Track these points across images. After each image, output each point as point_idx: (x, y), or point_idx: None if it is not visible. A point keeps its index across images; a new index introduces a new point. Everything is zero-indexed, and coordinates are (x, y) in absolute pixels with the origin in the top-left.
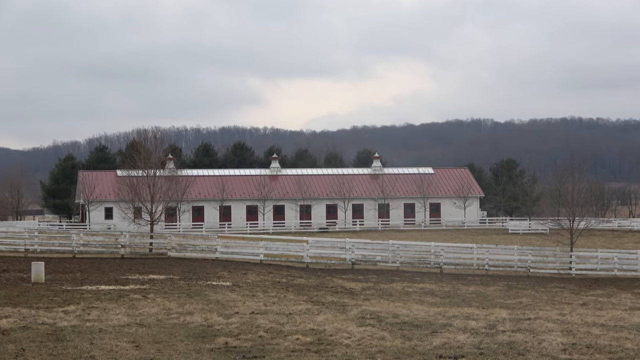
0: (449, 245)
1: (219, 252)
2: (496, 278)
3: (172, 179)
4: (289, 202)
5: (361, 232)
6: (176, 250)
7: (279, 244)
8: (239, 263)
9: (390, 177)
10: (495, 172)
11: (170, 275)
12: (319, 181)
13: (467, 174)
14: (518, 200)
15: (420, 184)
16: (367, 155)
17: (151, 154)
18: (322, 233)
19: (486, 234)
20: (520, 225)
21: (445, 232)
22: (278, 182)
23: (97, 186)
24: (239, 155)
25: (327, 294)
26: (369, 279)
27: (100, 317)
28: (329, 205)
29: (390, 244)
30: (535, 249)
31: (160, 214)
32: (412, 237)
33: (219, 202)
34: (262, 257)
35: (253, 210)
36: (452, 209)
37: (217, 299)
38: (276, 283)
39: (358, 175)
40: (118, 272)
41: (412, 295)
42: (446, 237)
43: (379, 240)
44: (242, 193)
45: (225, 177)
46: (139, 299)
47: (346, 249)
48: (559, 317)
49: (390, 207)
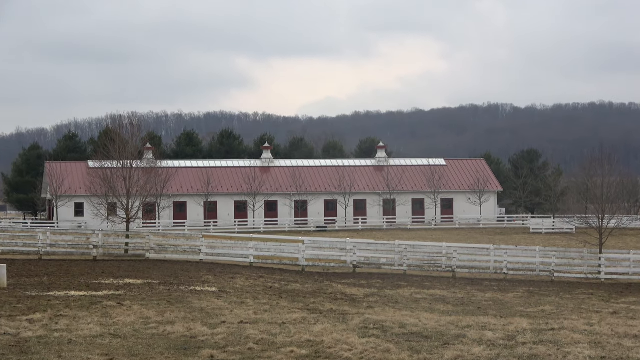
0: (463, 246)
1: (204, 254)
2: (516, 283)
3: (150, 171)
4: (282, 197)
5: (364, 231)
6: (155, 252)
7: (271, 245)
8: (226, 266)
9: (396, 170)
10: (515, 163)
11: (148, 280)
12: (317, 174)
13: (483, 165)
14: (540, 195)
15: (430, 177)
16: (370, 145)
17: (127, 142)
18: (320, 232)
19: (504, 234)
20: (543, 223)
21: (458, 231)
22: (270, 175)
23: (66, 179)
24: (226, 144)
25: (326, 301)
26: (373, 284)
27: (70, 327)
28: (327, 201)
29: (396, 245)
30: (560, 250)
31: (137, 211)
32: (421, 237)
33: (203, 197)
34: (252, 259)
35: (242, 207)
36: (466, 205)
37: (202, 306)
38: (268, 288)
39: (360, 167)
40: (90, 276)
41: (421, 302)
42: (459, 237)
43: (383, 240)
44: (229, 187)
45: (211, 169)
46: (114, 307)
47: (347, 250)
48: (586, 327)
49: (396, 203)
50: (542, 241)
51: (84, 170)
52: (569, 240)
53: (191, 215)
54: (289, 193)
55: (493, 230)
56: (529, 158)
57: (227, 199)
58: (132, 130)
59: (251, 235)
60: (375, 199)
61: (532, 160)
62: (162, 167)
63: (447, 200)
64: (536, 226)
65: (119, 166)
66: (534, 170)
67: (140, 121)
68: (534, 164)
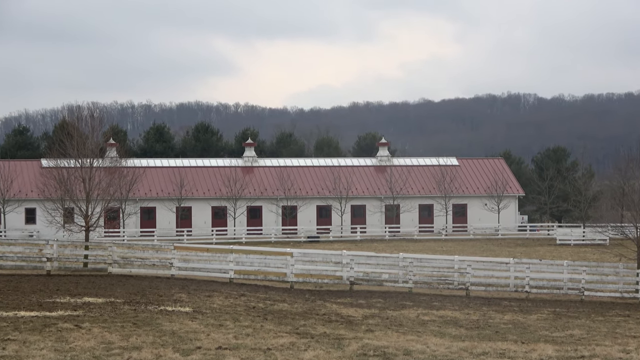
0: (478, 260)
1: (176, 268)
2: (540, 303)
3: (114, 172)
4: (268, 202)
5: (363, 241)
6: (119, 265)
7: (255, 258)
8: (202, 282)
9: (401, 170)
10: (539, 163)
11: (111, 298)
12: (308, 175)
13: (503, 166)
14: (569, 200)
15: (440, 179)
16: (370, 141)
17: (87, 138)
18: (312, 243)
19: (527, 245)
20: (571, 233)
21: (473, 242)
22: (254, 176)
23: (16, 180)
24: (202, 140)
25: (318, 324)
26: (373, 303)
27: (19, 353)
28: (320, 207)
29: (400, 258)
30: (592, 265)
31: (98, 218)
32: (429, 249)
33: (175, 201)
34: (232, 274)
35: (221, 213)
36: (482, 212)
37: (173, 329)
38: (251, 309)
39: (359, 167)
40: (43, 294)
41: (429, 325)
42: (474, 249)
43: (385, 252)
44: (206, 190)
45: (185, 169)
46: (70, 329)
47: (343, 264)
48: (621, 354)
49: (400, 209)
50: (571, 254)
51: (36, 170)
52: (601, 254)
53: (161, 223)
54: (275, 197)
55: (513, 242)
56: (556, 157)
57: (203, 204)
58: (93, 123)
59: (231, 247)
60: (376, 205)
61: (559, 160)
62: (127, 166)
63: (459, 207)
64: (564, 237)
65: (77, 165)
66: (562, 172)
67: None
68: (562, 164)
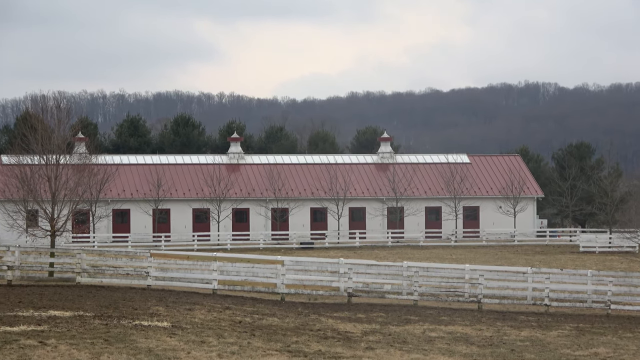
0: (492, 269)
1: (152, 278)
2: (561, 318)
3: (83, 169)
4: (256, 203)
5: (362, 248)
6: (89, 275)
7: (241, 266)
8: (182, 294)
9: (405, 169)
10: (561, 161)
11: (80, 312)
12: (301, 173)
13: (519, 164)
14: (593, 203)
15: (449, 178)
16: (371, 136)
17: (52, 131)
18: (305, 250)
19: (546, 253)
20: (596, 240)
21: (485, 249)
22: (240, 175)
23: None
24: (182, 134)
25: (312, 340)
26: (374, 318)
27: None
28: (315, 209)
29: (404, 267)
30: (619, 275)
31: (65, 221)
32: (437, 257)
33: (152, 203)
34: (215, 284)
35: (203, 216)
36: (496, 216)
37: (149, 346)
38: (236, 324)
39: (358, 165)
40: (3, 307)
41: (436, 342)
42: (487, 257)
43: (388, 260)
44: (186, 190)
45: (163, 167)
46: (34, 347)
47: (340, 273)
48: None
49: (405, 212)
50: (596, 263)
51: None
52: (630, 262)
53: (136, 227)
54: (264, 199)
55: (531, 249)
56: (579, 154)
57: (183, 206)
58: (59, 115)
59: (215, 254)
60: (377, 207)
61: (582, 157)
62: (98, 163)
63: (471, 209)
64: (588, 243)
65: (41, 162)
66: (585, 171)
67: (70, 104)
68: (585, 162)
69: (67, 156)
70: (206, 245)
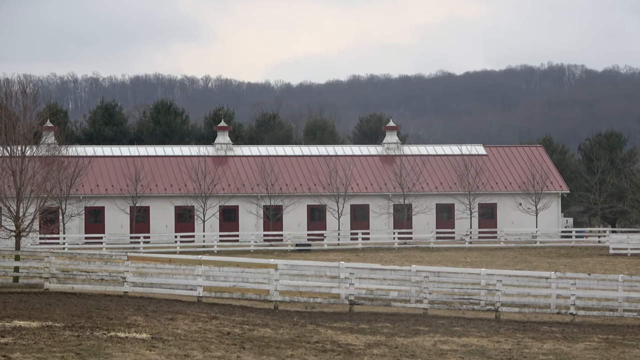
0: (511, 274)
1: (130, 284)
2: (588, 328)
3: (52, 162)
4: (246, 200)
5: (366, 251)
6: (59, 280)
7: (230, 271)
8: (163, 301)
9: (414, 161)
10: (588, 153)
11: (48, 322)
12: (297, 167)
13: (542, 155)
14: (625, 199)
15: (463, 172)
16: (375, 125)
17: (17, 119)
18: (301, 252)
19: (572, 256)
20: (628, 240)
21: (504, 251)
22: (228, 168)
23: None
24: (163, 123)
25: (309, 354)
26: (378, 328)
27: None
28: (312, 207)
29: (413, 272)
30: None
31: (32, 220)
32: (449, 260)
33: (129, 200)
34: (201, 291)
35: (186, 215)
36: (516, 214)
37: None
38: (224, 335)
39: (361, 157)
40: None
41: (448, 356)
42: (506, 260)
43: (394, 264)
44: (168, 186)
45: (141, 159)
46: None
47: (340, 278)
48: None
49: (413, 209)
50: (628, 267)
51: None
52: None
53: (111, 227)
54: (255, 195)
55: (555, 251)
56: (609, 145)
57: (164, 203)
58: (25, 101)
59: (200, 257)
60: (382, 204)
61: (612, 148)
62: (69, 155)
63: (487, 207)
64: (619, 245)
65: (4, 154)
66: (616, 163)
67: (37, 88)
68: (616, 154)
69: (33, 147)
70: (190, 247)
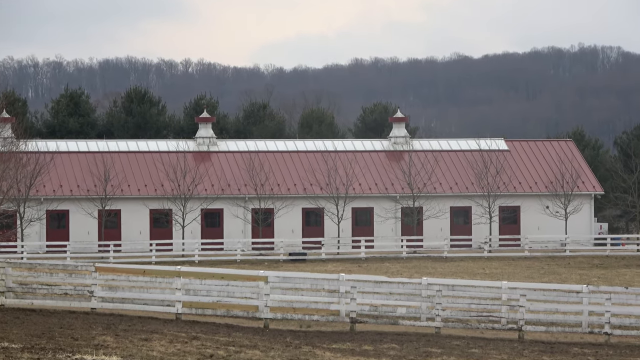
0: (537, 288)
1: (98, 299)
2: (625, 350)
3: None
4: (232, 203)
5: (369, 261)
6: (16, 295)
7: (213, 284)
8: (136, 319)
9: (425, 158)
10: (625, 148)
11: (4, 343)
12: (290, 164)
13: (572, 151)
14: None
15: (481, 170)
16: (380, 116)
17: None
18: (296, 262)
19: (607, 267)
20: None
21: (528, 261)
22: (212, 166)
23: None
24: (136, 113)
25: None
26: (384, 350)
27: None
28: (307, 210)
29: (423, 285)
30: None
31: None
32: (466, 272)
33: (98, 202)
34: (179, 307)
35: (163, 219)
36: (542, 218)
37: None
38: (206, 358)
39: (364, 152)
40: None
41: None
42: (531, 272)
43: (402, 277)
44: (142, 186)
45: (112, 156)
46: None
47: (340, 293)
48: None
49: (424, 213)
50: None
51: None
52: None
53: (77, 234)
54: (242, 196)
55: (587, 261)
56: None
57: (137, 205)
58: None
59: (179, 268)
60: (388, 207)
61: None
62: (28, 151)
63: (509, 210)
64: None
65: None
66: None
67: None
68: None
69: None
70: (168, 257)
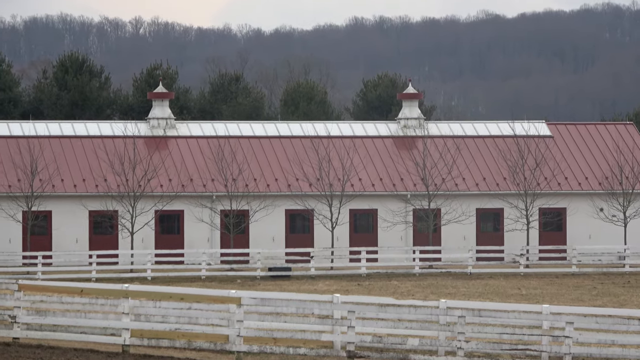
0: (587, 314)
1: (22, 326)
2: None
3: None
4: (194, 202)
5: (372, 277)
6: None
7: (170, 307)
8: (71, 352)
9: (443, 146)
10: None
11: None
12: (270, 153)
13: (632, 138)
14: None
15: (517, 162)
16: (386, 91)
17: None
18: (277, 280)
19: None
20: None
21: (576, 279)
22: (169, 155)
23: None
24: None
25: None
26: None
27: None
28: (293, 213)
29: (442, 309)
30: None
31: None
32: (496, 293)
33: (22, 201)
34: (127, 337)
35: (106, 224)
36: (594, 224)
37: None
38: None
39: (365, 138)
40: None
41: None
42: (580, 293)
43: (414, 299)
44: (79, 181)
45: (40, 141)
46: None
47: (335, 319)
48: None
49: (442, 217)
50: None
51: None
52: None
53: None
54: (209, 194)
55: None
56: None
57: (73, 206)
58: None
59: (127, 286)
60: (396, 209)
61: None
62: None
63: (553, 213)
64: None
65: None
66: None
67: None
68: None
69: None
70: (112, 272)
